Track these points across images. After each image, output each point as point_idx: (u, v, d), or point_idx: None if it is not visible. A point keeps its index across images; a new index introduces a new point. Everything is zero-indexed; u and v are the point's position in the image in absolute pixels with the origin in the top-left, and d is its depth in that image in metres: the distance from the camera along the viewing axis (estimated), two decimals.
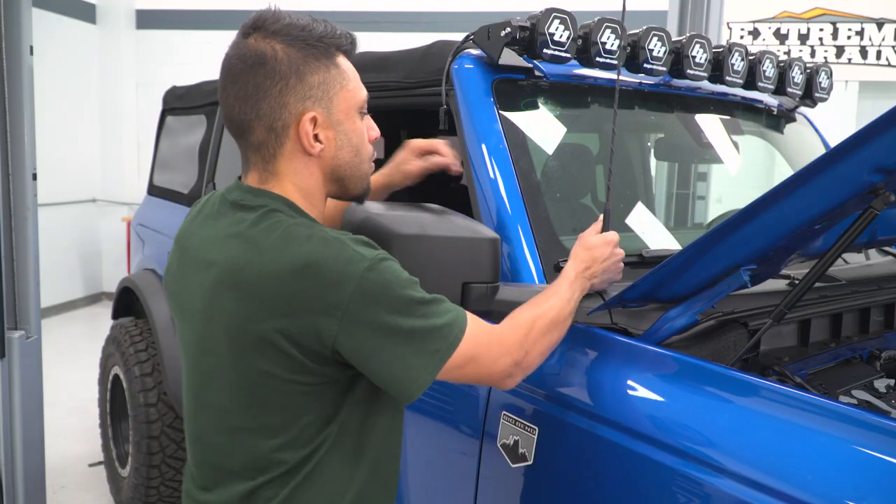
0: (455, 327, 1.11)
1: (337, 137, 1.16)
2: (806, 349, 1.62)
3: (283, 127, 1.13)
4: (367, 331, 1.05)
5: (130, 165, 7.52)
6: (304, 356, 1.07)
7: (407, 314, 1.07)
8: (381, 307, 1.05)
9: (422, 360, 1.08)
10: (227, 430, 1.16)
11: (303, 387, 1.10)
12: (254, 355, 1.08)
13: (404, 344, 1.07)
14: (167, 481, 3.03)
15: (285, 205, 1.13)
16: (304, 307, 1.04)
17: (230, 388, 1.13)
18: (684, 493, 1.11)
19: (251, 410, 1.12)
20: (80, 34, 7.15)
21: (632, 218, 1.88)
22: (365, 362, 1.08)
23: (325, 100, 1.14)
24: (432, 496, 1.68)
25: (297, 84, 1.11)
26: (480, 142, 1.65)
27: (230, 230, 1.12)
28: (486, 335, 1.16)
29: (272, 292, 1.04)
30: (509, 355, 1.17)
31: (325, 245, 1.05)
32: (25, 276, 2.40)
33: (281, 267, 1.04)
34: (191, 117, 3.35)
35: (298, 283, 1.03)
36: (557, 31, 1.65)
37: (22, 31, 2.30)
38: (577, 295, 1.31)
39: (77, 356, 5.54)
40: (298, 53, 1.12)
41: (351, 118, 1.17)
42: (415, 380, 1.08)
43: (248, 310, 1.06)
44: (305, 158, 1.15)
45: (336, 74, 1.15)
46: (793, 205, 1.13)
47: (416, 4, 7.01)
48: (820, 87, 2.24)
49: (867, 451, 0.99)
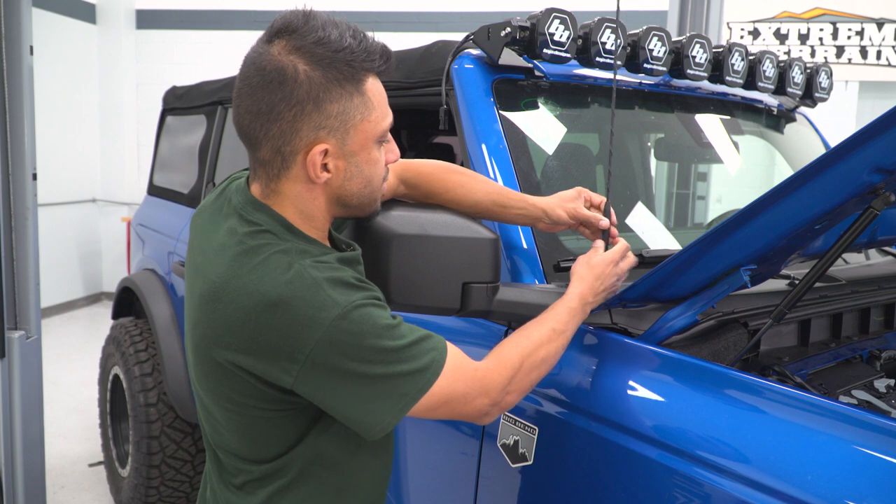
0: (429, 371, 1.05)
1: (347, 168, 1.09)
2: (806, 349, 1.62)
3: (291, 152, 1.06)
4: (327, 376, 1.01)
5: (130, 165, 7.52)
6: (265, 387, 1.05)
7: (375, 362, 1.02)
8: (346, 357, 1.00)
9: (387, 402, 1.04)
10: (208, 424, 1.18)
11: (265, 411, 1.08)
12: (216, 375, 1.08)
13: (367, 387, 1.02)
14: (167, 481, 3.03)
15: (281, 226, 1.08)
16: (267, 347, 1.00)
17: (204, 391, 1.13)
18: (684, 493, 1.11)
19: (222, 414, 1.12)
20: (80, 34, 7.15)
21: (632, 218, 1.88)
22: (322, 402, 1.05)
23: (342, 131, 1.06)
24: (432, 496, 1.68)
25: (313, 111, 1.03)
26: (480, 142, 1.65)
27: (222, 239, 1.09)
28: (466, 376, 1.10)
29: (239, 323, 1.01)
30: (487, 396, 1.12)
31: (301, 284, 1.00)
32: (25, 276, 2.40)
33: (252, 299, 1.00)
34: (191, 117, 3.35)
35: (265, 319, 0.99)
36: (557, 31, 1.65)
37: (22, 31, 2.30)
38: (576, 325, 1.26)
39: (77, 356, 5.55)
40: (322, 77, 1.03)
41: (367, 149, 1.09)
42: (376, 423, 1.05)
43: (217, 332, 1.04)
44: (309, 185, 1.09)
45: (359, 103, 1.06)
46: (793, 205, 1.13)
47: (417, 4, 7.01)
48: (820, 87, 2.24)
49: (867, 451, 0.99)
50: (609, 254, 1.34)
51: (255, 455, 1.12)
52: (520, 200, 1.44)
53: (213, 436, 1.17)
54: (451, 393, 1.08)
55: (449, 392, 1.08)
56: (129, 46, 7.44)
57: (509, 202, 1.43)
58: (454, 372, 1.09)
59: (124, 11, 7.36)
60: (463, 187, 1.43)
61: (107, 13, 7.35)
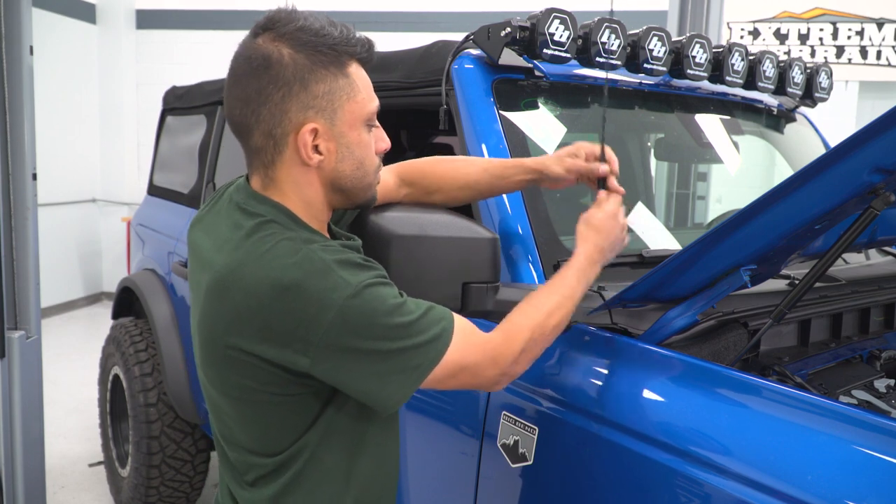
0: (440, 342, 1.08)
1: (339, 150, 1.11)
2: (806, 349, 1.62)
3: (282, 134, 1.09)
4: (342, 355, 1.03)
5: (130, 165, 7.52)
6: (279, 370, 1.05)
7: (388, 339, 1.04)
8: (360, 336, 1.02)
9: (402, 376, 1.06)
10: (218, 422, 1.18)
11: (277, 397, 1.08)
12: (224, 365, 1.08)
13: (382, 363, 1.05)
14: (167, 481, 3.03)
15: (285, 215, 1.10)
16: (281, 332, 1.02)
17: (213, 387, 1.14)
18: (684, 493, 1.11)
19: (235, 408, 1.13)
20: (80, 34, 7.15)
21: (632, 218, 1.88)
22: (339, 381, 1.06)
23: (329, 111, 1.09)
24: (432, 496, 1.68)
25: (300, 92, 1.07)
26: (480, 142, 1.65)
27: (228, 234, 1.11)
28: (476, 347, 1.13)
29: (252, 310, 1.02)
30: (497, 367, 1.14)
31: (310, 267, 1.02)
32: (25, 276, 2.40)
33: (263, 285, 1.01)
34: (191, 117, 3.35)
35: (278, 304, 1.01)
36: (557, 31, 1.65)
37: (22, 31, 2.30)
38: (586, 286, 1.27)
39: (77, 356, 5.55)
40: (306, 60, 1.07)
41: (355, 130, 1.12)
42: (391, 395, 1.07)
43: (227, 322, 1.05)
44: (304, 168, 1.11)
45: (344, 84, 1.10)
46: (793, 205, 1.13)
47: (417, 4, 7.01)
48: (820, 87, 2.24)
49: (867, 451, 0.99)
50: (608, 207, 1.33)
51: (266, 448, 1.13)
52: (516, 166, 1.45)
53: (223, 433, 1.18)
54: (461, 362, 1.11)
55: (460, 361, 1.11)
56: (129, 46, 7.44)
57: (506, 171, 1.45)
58: (465, 342, 1.11)
59: (124, 11, 7.36)
60: (457, 171, 1.45)
61: (107, 13, 7.35)
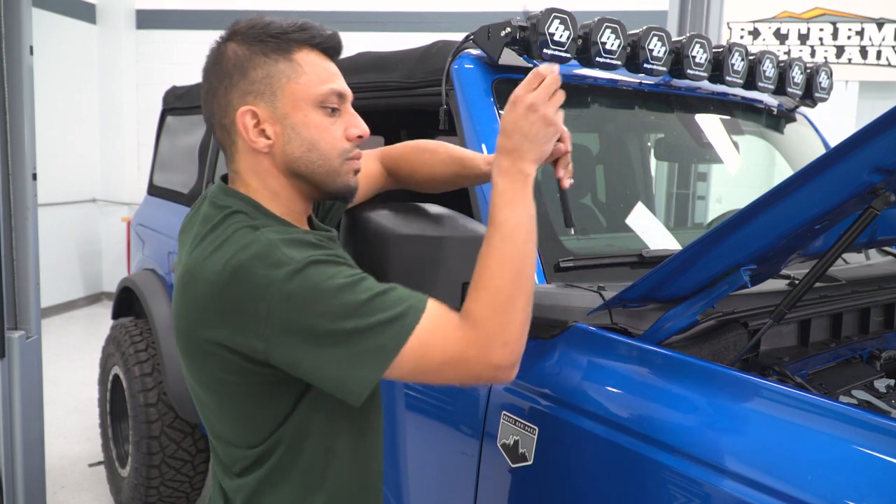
0: (406, 318, 0.99)
1: (284, 132, 1.11)
2: (806, 349, 1.62)
3: (230, 124, 1.12)
4: (294, 337, 0.99)
5: (130, 165, 7.52)
6: (243, 361, 1.05)
7: (340, 317, 0.98)
8: (307, 315, 0.98)
9: (362, 359, 0.99)
10: (203, 415, 1.19)
11: (246, 387, 1.08)
12: (200, 358, 1.09)
13: (339, 345, 0.98)
14: (167, 481, 3.03)
15: (252, 206, 1.11)
16: (235, 314, 1.01)
17: (194, 380, 1.15)
18: (684, 493, 1.11)
19: (215, 400, 1.13)
20: (80, 34, 7.14)
21: (632, 218, 1.88)
22: (298, 369, 1.02)
23: (269, 94, 1.10)
24: (432, 496, 1.68)
25: (239, 80, 1.10)
26: (480, 142, 1.65)
27: (198, 229, 1.12)
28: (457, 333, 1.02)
29: (212, 297, 1.02)
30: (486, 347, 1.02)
31: (257, 248, 1.00)
32: (25, 276, 2.40)
33: (217, 273, 1.01)
34: (191, 117, 3.35)
35: (229, 290, 1.00)
36: (557, 31, 1.65)
37: (22, 31, 2.30)
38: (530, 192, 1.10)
39: (77, 356, 5.54)
40: (247, 51, 1.10)
41: (300, 111, 1.11)
42: (355, 381, 1.00)
43: (194, 315, 1.05)
44: (257, 155, 1.12)
45: (285, 68, 1.10)
46: (793, 205, 1.13)
47: (417, 4, 7.01)
48: (820, 87, 2.24)
49: (867, 451, 0.99)
50: (518, 91, 1.11)
51: (247, 439, 1.13)
52: (475, 159, 1.37)
53: (209, 426, 1.19)
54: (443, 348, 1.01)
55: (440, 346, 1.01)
56: (129, 46, 7.44)
57: (465, 170, 1.38)
58: (442, 326, 1.01)
59: (124, 11, 7.36)
60: (425, 164, 1.43)
61: (107, 13, 7.35)
